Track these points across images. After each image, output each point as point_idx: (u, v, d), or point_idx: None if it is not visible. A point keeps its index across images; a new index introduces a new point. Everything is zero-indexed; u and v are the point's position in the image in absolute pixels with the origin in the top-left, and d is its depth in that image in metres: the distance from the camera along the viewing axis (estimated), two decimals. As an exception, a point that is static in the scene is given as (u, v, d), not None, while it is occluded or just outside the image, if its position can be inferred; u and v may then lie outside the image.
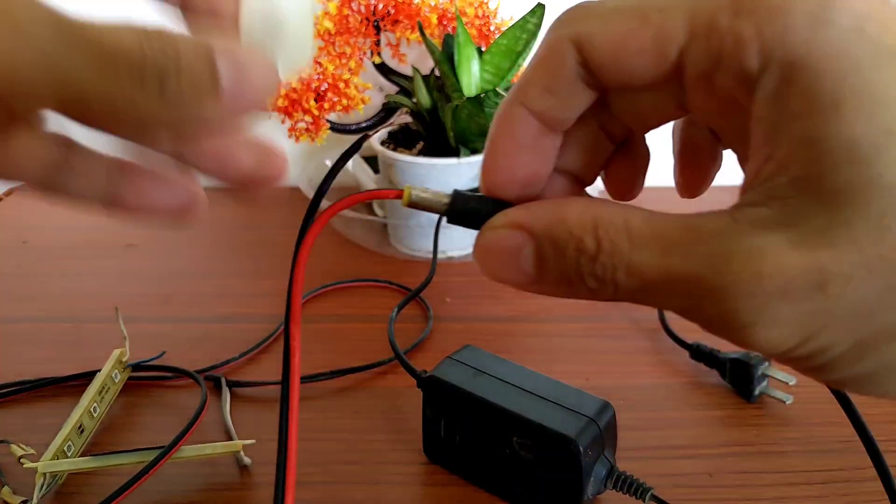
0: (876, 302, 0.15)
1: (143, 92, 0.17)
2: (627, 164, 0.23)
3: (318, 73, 0.62)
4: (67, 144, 0.23)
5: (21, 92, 0.17)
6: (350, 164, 0.69)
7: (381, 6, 0.65)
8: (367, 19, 0.65)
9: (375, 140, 0.65)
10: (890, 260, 0.15)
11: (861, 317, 0.15)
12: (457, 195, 0.21)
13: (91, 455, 0.36)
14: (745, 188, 0.17)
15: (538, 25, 0.58)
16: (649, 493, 0.33)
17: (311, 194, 0.21)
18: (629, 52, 0.18)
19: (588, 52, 0.19)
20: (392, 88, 0.70)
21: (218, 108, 0.18)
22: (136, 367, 0.44)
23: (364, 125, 0.70)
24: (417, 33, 0.63)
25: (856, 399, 0.44)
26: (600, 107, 0.21)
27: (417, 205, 0.21)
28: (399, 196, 0.21)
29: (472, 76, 0.60)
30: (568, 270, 0.18)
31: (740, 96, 0.17)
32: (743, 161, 0.21)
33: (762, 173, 0.17)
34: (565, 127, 0.21)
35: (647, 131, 0.23)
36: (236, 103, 0.18)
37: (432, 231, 0.60)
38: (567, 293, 0.19)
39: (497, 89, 0.56)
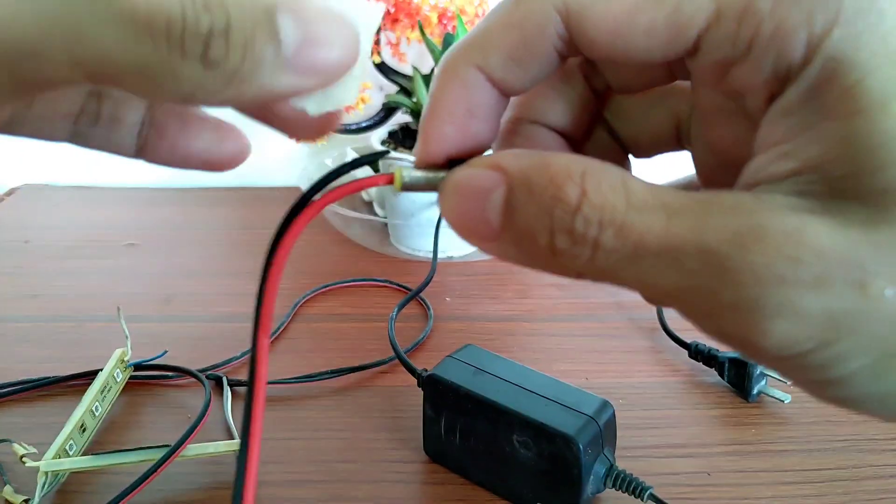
0: None
1: (184, 60, 0.14)
2: None
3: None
4: (97, 94, 0.22)
5: (29, 61, 0.14)
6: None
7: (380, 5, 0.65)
8: (368, 19, 0.65)
9: (376, 139, 0.65)
10: None
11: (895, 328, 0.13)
12: (455, 165, 0.18)
13: (93, 454, 0.36)
14: (753, 185, 0.15)
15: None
16: (648, 492, 0.33)
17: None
18: (634, 33, 0.16)
19: (578, 26, 0.16)
20: (392, 88, 0.70)
21: (282, 76, 0.15)
22: (138, 366, 0.44)
23: (364, 125, 0.70)
24: (417, 32, 0.63)
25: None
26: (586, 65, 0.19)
27: (413, 187, 0.18)
28: (390, 181, 0.18)
29: (472, 76, 0.60)
30: (536, 222, 0.15)
31: (758, 92, 0.16)
32: (717, 165, 0.19)
33: (780, 172, 0.15)
34: (523, 91, 0.19)
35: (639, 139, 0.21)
36: (305, 69, 0.15)
37: (433, 231, 0.60)
38: (527, 255, 0.16)
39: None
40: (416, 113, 0.65)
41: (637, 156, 0.22)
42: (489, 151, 0.19)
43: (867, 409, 0.15)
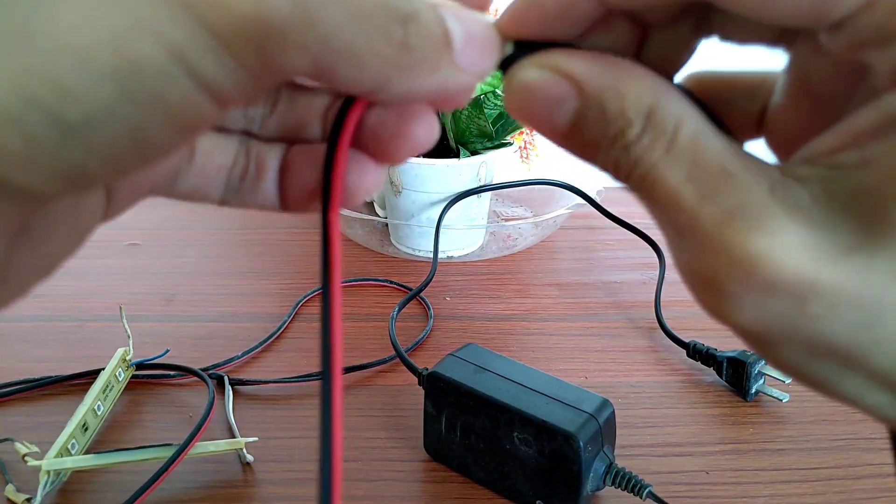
0: (848, 337, 0.14)
1: (388, 42, 0.15)
2: None
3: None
4: (246, 146, 0.21)
5: (275, 45, 0.14)
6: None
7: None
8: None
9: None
10: None
11: (828, 345, 0.14)
12: (522, 49, 0.18)
13: (95, 453, 0.36)
14: (808, 156, 0.16)
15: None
16: (647, 490, 0.34)
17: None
18: None
19: None
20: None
21: (452, 71, 0.16)
22: (140, 365, 0.45)
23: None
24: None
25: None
26: None
27: None
28: None
29: (471, 77, 0.60)
30: (600, 142, 0.16)
31: (885, 76, 0.15)
32: (787, 142, 0.19)
33: (837, 155, 0.15)
34: (629, 6, 0.18)
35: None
36: (467, 66, 0.17)
37: (433, 231, 0.60)
38: (585, 156, 0.17)
39: (496, 91, 0.57)
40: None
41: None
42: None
43: (802, 380, 0.16)
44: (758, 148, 0.20)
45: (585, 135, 0.16)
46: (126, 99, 0.13)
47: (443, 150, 0.62)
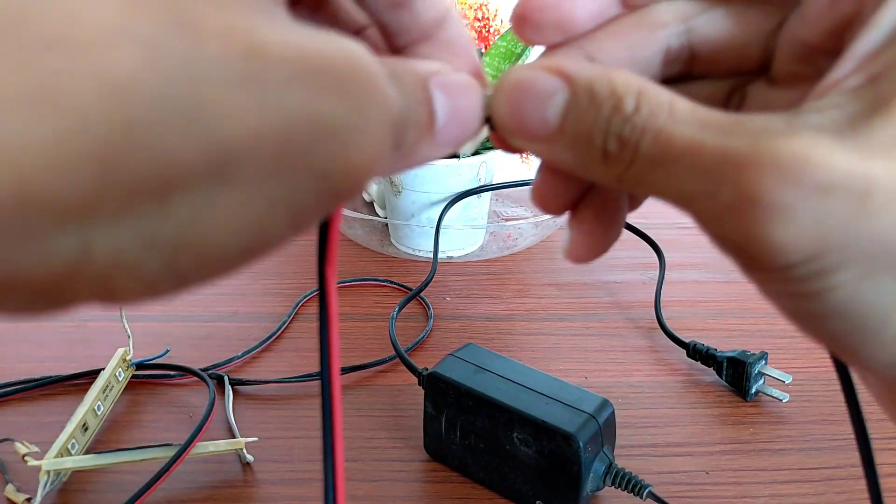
0: None
1: (388, 146, 0.15)
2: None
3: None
4: None
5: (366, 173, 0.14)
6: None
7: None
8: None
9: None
10: None
11: (889, 243, 0.14)
12: None
13: (95, 453, 0.36)
14: (812, 97, 0.16)
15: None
16: (647, 490, 0.34)
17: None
18: None
19: None
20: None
21: (430, 149, 0.17)
22: (140, 365, 0.45)
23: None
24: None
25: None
26: None
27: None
28: None
29: (471, 77, 0.60)
30: (594, 127, 0.16)
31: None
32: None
33: (843, 82, 0.15)
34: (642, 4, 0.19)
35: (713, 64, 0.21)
36: (448, 143, 0.17)
37: (433, 231, 0.60)
38: (578, 156, 0.17)
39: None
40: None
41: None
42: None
43: (840, 330, 0.15)
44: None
45: (577, 124, 0.17)
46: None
47: (443, 150, 0.62)
